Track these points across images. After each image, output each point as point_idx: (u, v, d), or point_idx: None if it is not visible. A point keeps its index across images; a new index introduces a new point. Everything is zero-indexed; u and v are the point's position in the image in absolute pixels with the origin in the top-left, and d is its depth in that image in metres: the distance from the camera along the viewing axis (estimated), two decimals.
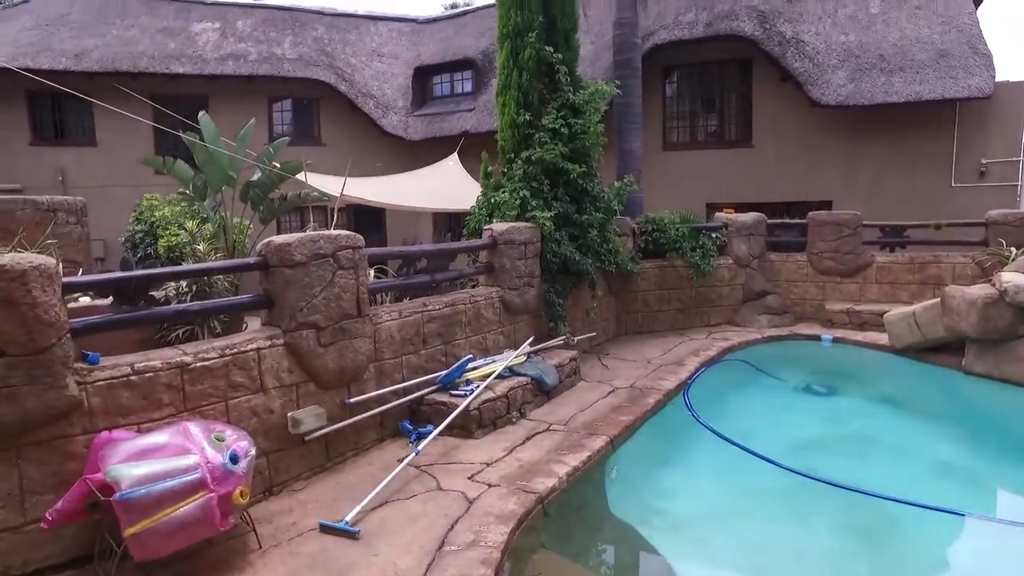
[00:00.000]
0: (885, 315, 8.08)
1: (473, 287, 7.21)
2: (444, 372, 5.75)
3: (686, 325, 9.78)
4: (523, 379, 6.13)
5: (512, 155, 7.92)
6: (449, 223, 15.79)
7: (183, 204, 10.59)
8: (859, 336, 8.75)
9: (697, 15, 12.70)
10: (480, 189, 8.44)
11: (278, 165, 9.43)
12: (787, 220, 11.15)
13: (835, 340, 8.76)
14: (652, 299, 9.66)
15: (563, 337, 7.47)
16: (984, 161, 11.48)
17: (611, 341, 9.12)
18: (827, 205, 12.00)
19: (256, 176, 9.40)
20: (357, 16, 17.97)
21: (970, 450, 5.59)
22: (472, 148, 12.01)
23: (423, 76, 16.76)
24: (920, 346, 7.62)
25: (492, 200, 7.86)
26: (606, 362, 7.96)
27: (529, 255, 7.25)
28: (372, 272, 6.35)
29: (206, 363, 3.97)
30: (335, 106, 15.88)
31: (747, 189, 13.01)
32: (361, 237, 5.00)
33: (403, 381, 5.49)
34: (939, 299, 7.28)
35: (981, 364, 6.84)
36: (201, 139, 8.73)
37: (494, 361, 6.26)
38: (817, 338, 8.91)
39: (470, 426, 5.40)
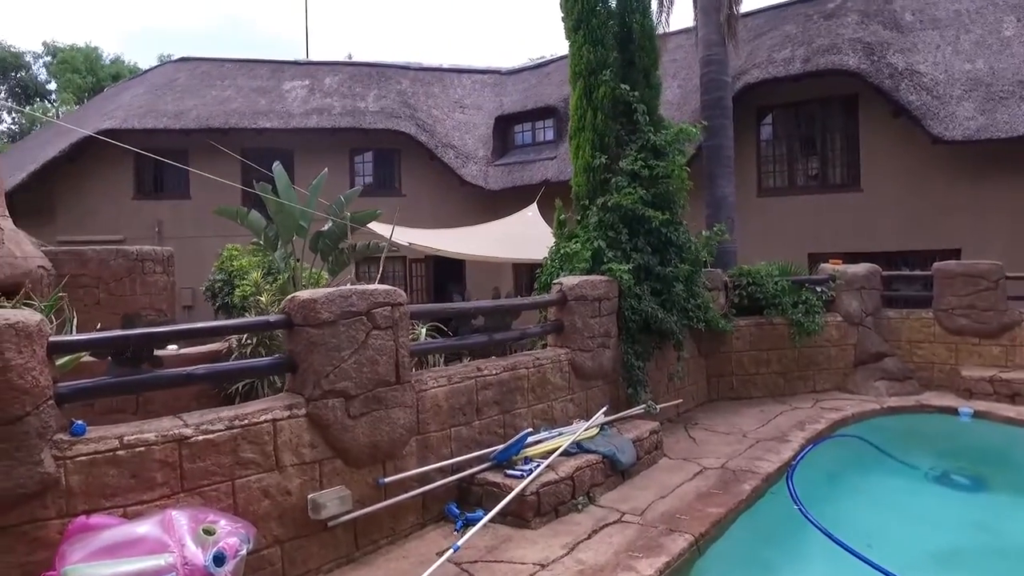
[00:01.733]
0: None
1: (544, 347, 6.50)
2: (500, 447, 5.00)
3: (788, 391, 8.58)
4: (593, 457, 5.27)
5: (587, 202, 7.27)
6: (530, 275, 15.24)
7: (259, 255, 10.61)
8: (1010, 411, 7.24)
9: (793, 51, 11.77)
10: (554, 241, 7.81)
11: (349, 215, 9.24)
12: (906, 271, 9.77)
13: (977, 414, 7.31)
14: (747, 361, 8.57)
15: (644, 406, 6.57)
16: None
17: (700, 408, 8.08)
18: (955, 254, 10.49)
19: (327, 226, 9.22)
20: (441, 70, 18.22)
21: None
22: (554, 197, 11.49)
23: (504, 125, 16.60)
24: None
25: (563, 251, 7.18)
26: (694, 434, 6.94)
27: (604, 312, 6.47)
28: (424, 332, 5.80)
29: (210, 436, 3.44)
30: (415, 157, 15.93)
31: (855, 237, 11.67)
32: (402, 292, 4.41)
33: (451, 457, 4.79)
34: None
35: None
36: (275, 189, 8.66)
37: (560, 434, 5.45)
38: (953, 411, 7.48)
39: (526, 513, 4.59)
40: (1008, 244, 10.29)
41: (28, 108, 30.68)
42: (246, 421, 3.57)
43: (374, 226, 10.29)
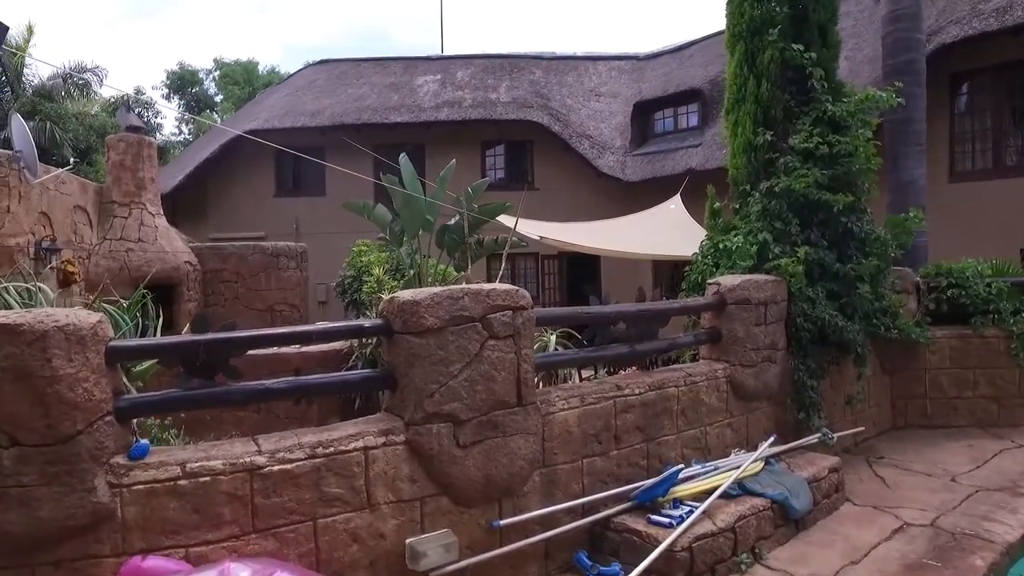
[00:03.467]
0: None
1: (693, 359, 5.48)
2: (644, 484, 4.06)
3: (1005, 422, 6.85)
4: (759, 502, 4.19)
5: (747, 187, 6.15)
6: (671, 274, 14.01)
7: (386, 250, 10.38)
8: None
9: None
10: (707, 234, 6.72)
11: (476, 207, 8.67)
12: None
13: None
14: (946, 381, 6.96)
15: (818, 434, 5.34)
16: None
17: (883, 438, 6.64)
18: None
19: (453, 220, 8.72)
20: (576, 58, 17.45)
21: None
22: (698, 189, 10.30)
23: (643, 112, 15.46)
24: None
25: (720, 245, 6.06)
26: (881, 472, 5.58)
27: (770, 319, 5.31)
28: (554, 340, 4.98)
29: (287, 467, 2.82)
30: (548, 148, 15.22)
31: None
32: (526, 293, 3.61)
33: (582, 494, 3.92)
34: None
35: None
36: (401, 182, 8.28)
37: (715, 469, 4.42)
38: None
39: (675, 574, 3.63)
40: None
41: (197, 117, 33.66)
42: (331, 449, 2.93)
43: (504, 220, 9.66)
